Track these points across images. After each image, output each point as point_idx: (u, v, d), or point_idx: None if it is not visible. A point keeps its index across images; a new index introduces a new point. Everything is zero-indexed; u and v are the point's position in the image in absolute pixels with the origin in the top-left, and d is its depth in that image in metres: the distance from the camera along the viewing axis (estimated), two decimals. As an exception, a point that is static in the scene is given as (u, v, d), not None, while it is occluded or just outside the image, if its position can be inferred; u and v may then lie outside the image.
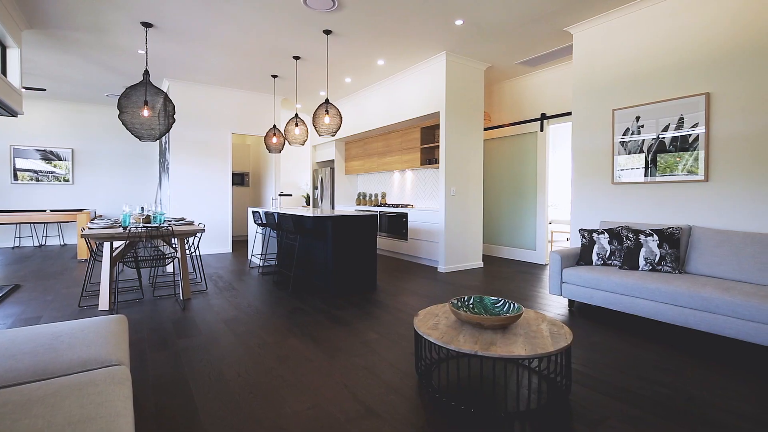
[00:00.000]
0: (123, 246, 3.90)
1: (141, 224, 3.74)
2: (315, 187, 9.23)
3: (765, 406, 1.93)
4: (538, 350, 1.79)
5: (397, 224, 6.38)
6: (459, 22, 4.25)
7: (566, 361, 1.98)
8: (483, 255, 6.69)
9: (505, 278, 4.90)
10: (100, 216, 7.35)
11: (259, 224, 5.51)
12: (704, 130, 3.33)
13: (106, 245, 3.57)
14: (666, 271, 3.15)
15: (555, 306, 3.69)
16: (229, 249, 7.04)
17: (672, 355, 2.56)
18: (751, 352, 2.60)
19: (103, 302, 3.52)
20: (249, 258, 6.33)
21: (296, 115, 5.50)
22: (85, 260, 6.10)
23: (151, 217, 3.94)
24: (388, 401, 1.98)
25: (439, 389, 2.07)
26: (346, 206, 8.23)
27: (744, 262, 2.90)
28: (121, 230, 3.52)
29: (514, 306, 2.17)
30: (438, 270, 5.38)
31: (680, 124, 3.48)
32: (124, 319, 1.94)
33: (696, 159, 3.38)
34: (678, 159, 3.50)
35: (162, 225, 3.70)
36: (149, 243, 4.12)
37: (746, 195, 3.13)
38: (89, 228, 3.62)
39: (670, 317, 2.83)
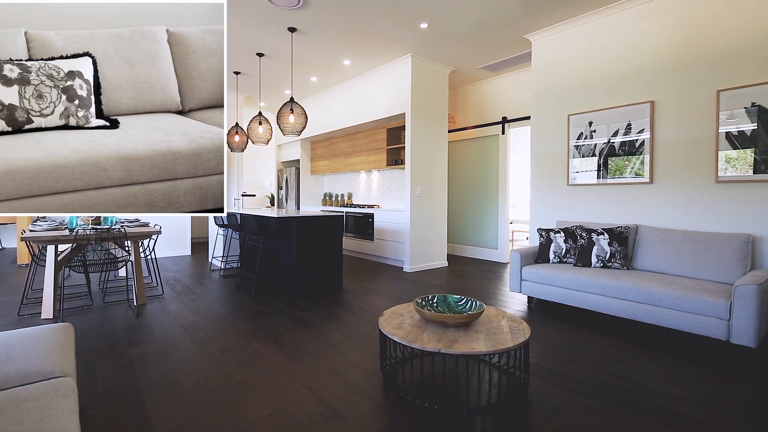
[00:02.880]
0: (69, 249, 3.64)
1: (90, 226, 3.51)
2: (280, 188, 9.05)
3: (700, 391, 2.10)
4: (498, 346, 1.85)
5: (363, 225, 6.38)
6: (424, 26, 4.32)
7: (524, 355, 2.06)
8: (447, 254, 6.81)
9: (469, 277, 5.02)
10: (44, 217, 6.82)
11: (220, 225, 5.33)
12: (649, 136, 3.57)
13: (50, 249, 3.32)
14: (616, 268, 3.35)
15: (515, 303, 3.83)
16: (188, 251, 6.76)
17: (622, 346, 2.73)
18: (689, 341, 2.81)
19: (47, 310, 3.28)
20: (209, 261, 6.10)
21: (260, 113, 5.37)
22: (26, 265, 5.65)
23: (102, 219, 3.71)
24: (353, 402, 1.97)
25: (404, 388, 2.09)
26: (311, 207, 8.12)
27: (684, 258, 3.13)
28: (67, 233, 3.29)
29: (476, 304, 2.23)
30: (404, 270, 5.43)
31: (628, 129, 3.71)
32: (70, 327, 1.81)
33: (642, 162, 3.62)
34: (627, 162, 3.73)
35: (113, 227, 3.50)
36: (99, 246, 3.87)
37: (684, 196, 3.38)
38: (30, 230, 3.36)
39: (620, 311, 3.01)
